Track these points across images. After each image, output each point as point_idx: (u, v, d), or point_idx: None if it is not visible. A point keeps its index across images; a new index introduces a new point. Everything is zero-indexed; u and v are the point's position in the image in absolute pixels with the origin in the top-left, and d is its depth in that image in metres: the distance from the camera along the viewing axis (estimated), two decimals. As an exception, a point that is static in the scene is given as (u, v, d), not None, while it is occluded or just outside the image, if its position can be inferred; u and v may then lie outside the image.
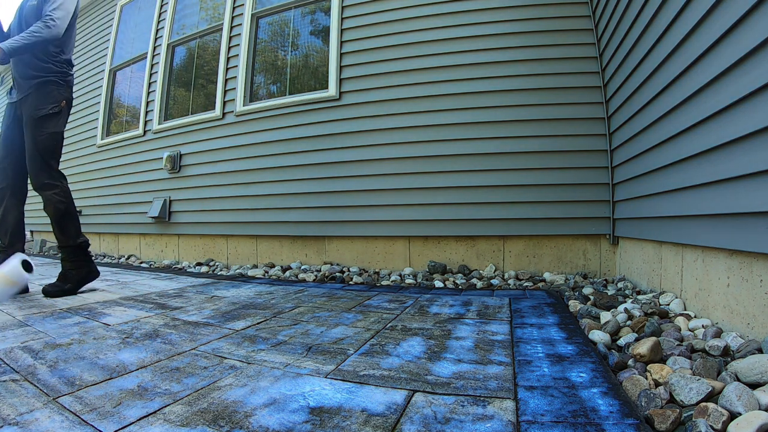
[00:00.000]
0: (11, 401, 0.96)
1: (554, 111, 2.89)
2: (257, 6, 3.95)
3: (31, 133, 2.21)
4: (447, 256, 3.11)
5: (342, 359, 1.27)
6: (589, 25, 2.91)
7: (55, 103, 2.27)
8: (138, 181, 4.57)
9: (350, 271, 3.23)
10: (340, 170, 3.34)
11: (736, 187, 1.34)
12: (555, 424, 0.85)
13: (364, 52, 3.37)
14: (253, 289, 2.56)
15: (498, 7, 3.07)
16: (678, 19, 1.69)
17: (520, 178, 2.92)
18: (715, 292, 1.51)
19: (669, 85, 1.81)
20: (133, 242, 4.82)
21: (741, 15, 1.26)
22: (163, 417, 0.90)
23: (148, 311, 1.95)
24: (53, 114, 2.26)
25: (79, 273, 2.36)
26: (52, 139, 2.26)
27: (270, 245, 3.71)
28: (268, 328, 1.66)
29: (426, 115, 3.14)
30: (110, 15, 5.34)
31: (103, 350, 1.35)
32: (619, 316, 1.67)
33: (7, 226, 2.29)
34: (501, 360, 1.25)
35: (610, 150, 2.77)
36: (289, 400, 0.98)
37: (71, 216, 2.33)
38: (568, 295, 2.19)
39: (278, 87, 3.93)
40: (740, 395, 0.88)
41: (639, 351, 1.19)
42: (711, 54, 1.46)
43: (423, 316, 1.83)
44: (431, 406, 0.94)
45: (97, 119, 5.24)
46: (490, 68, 3.03)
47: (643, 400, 0.95)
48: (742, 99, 1.28)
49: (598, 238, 2.84)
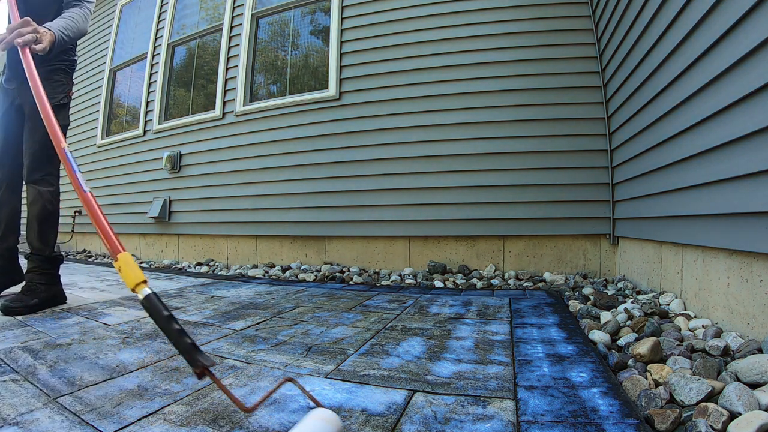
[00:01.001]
0: (11, 401, 0.96)
1: (554, 111, 2.90)
2: (257, 6, 3.95)
3: (37, 124, 1.94)
4: (447, 256, 3.11)
5: (342, 359, 1.27)
6: (589, 25, 2.91)
7: (64, 93, 2.09)
8: (138, 181, 4.57)
9: (350, 271, 3.23)
10: (340, 170, 3.34)
11: (735, 187, 1.34)
12: (555, 424, 0.85)
13: (364, 52, 3.37)
14: (253, 289, 2.56)
15: (498, 7, 3.07)
16: (678, 19, 1.69)
17: (520, 178, 2.92)
18: (715, 292, 1.51)
19: (669, 85, 1.81)
20: (133, 242, 4.82)
21: (741, 15, 1.26)
22: (163, 417, 0.90)
23: (148, 311, 1.95)
24: (63, 105, 2.07)
25: (49, 290, 2.02)
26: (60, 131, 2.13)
27: (270, 245, 3.71)
28: (268, 328, 1.66)
29: (426, 115, 3.14)
30: (110, 15, 5.34)
31: (103, 350, 1.35)
32: (619, 316, 1.67)
33: (0, 219, 2.08)
34: (501, 360, 1.25)
35: (610, 150, 2.77)
36: (289, 400, 0.98)
37: (54, 222, 2.10)
38: (568, 295, 2.19)
39: (278, 87, 3.94)
40: (740, 395, 0.88)
41: (639, 351, 1.19)
42: (711, 54, 1.46)
43: (423, 316, 1.83)
44: (431, 406, 0.94)
45: (97, 119, 5.25)
46: (490, 68, 3.03)
47: (643, 400, 0.95)
48: (742, 99, 1.28)
49: (598, 238, 2.84)
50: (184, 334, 0.81)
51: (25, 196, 2.05)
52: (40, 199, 2.00)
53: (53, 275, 2.07)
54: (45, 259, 2.02)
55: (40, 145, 1.99)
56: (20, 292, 1.97)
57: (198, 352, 0.78)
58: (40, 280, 2.00)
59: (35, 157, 2.01)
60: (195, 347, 0.79)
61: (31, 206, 2.02)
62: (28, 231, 2.04)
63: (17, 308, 1.89)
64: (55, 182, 2.10)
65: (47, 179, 2.04)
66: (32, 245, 2.03)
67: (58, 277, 2.11)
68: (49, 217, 2.05)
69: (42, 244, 2.02)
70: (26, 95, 1.98)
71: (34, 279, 2.00)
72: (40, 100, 1.40)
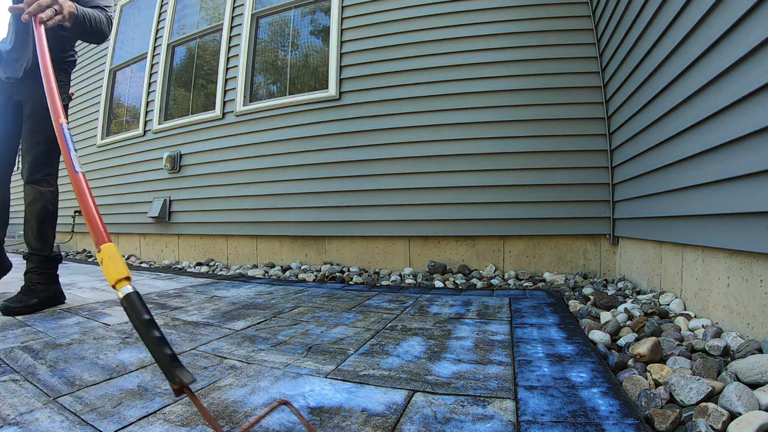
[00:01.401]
0: (11, 401, 0.96)
1: (554, 111, 2.89)
2: (257, 6, 3.95)
3: (42, 124, 1.97)
4: (447, 256, 3.11)
5: (342, 359, 1.27)
6: (589, 25, 2.91)
7: (65, 93, 2.09)
8: (138, 181, 4.57)
9: (350, 271, 3.23)
10: (340, 170, 3.34)
11: (736, 187, 1.34)
12: (555, 424, 0.85)
13: (364, 52, 3.37)
14: (253, 289, 2.56)
15: (498, 7, 3.07)
16: (678, 19, 1.69)
17: (520, 178, 2.92)
18: (715, 292, 1.51)
19: (669, 85, 1.81)
20: (133, 242, 4.82)
21: (741, 15, 1.26)
22: (163, 417, 0.90)
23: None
24: (64, 106, 1.96)
25: (48, 289, 2.04)
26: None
27: (270, 245, 3.71)
28: (268, 328, 1.66)
29: (426, 115, 3.14)
30: (110, 15, 5.34)
31: (103, 350, 1.35)
32: (619, 316, 1.67)
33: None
34: (501, 360, 1.25)
35: (610, 150, 2.77)
36: (289, 400, 0.98)
37: (54, 222, 2.10)
38: (568, 295, 2.19)
39: (278, 87, 3.94)
40: (740, 395, 0.88)
41: (639, 351, 1.19)
42: (711, 54, 1.46)
43: (423, 316, 1.83)
44: (431, 406, 0.94)
45: (97, 119, 5.24)
46: (490, 68, 3.03)
47: (643, 400, 0.95)
48: (742, 99, 1.28)
49: (598, 238, 2.84)
50: (165, 343, 0.74)
51: (22, 197, 2.04)
52: (41, 199, 2.00)
53: (52, 275, 2.07)
54: (44, 259, 2.02)
55: (42, 147, 2.00)
56: (20, 292, 1.98)
57: (177, 366, 0.71)
58: (40, 280, 2.01)
59: (36, 158, 2.00)
60: (175, 359, 0.72)
61: (31, 206, 2.01)
62: (27, 231, 2.03)
63: (17, 308, 1.90)
64: (55, 182, 2.09)
65: (48, 179, 2.05)
66: (31, 245, 2.02)
67: (56, 276, 2.11)
68: (50, 217, 2.05)
69: (41, 243, 2.02)
70: (27, 93, 1.98)
71: (34, 279, 2.00)
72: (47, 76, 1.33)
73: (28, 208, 2.03)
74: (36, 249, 2.02)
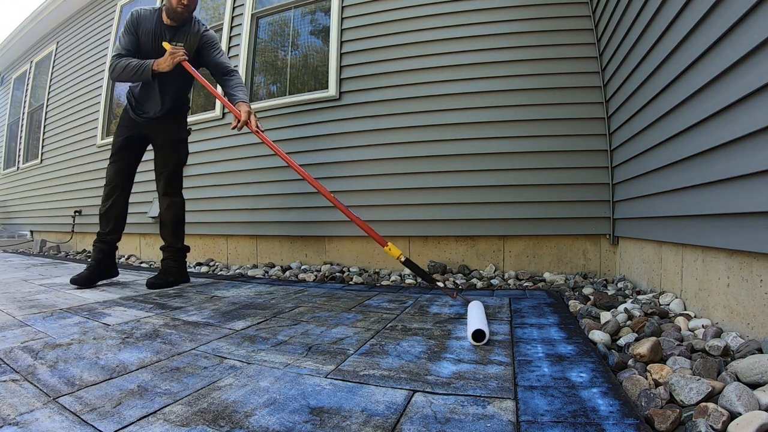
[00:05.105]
0: (11, 401, 0.96)
1: (554, 111, 2.89)
2: (257, 6, 3.95)
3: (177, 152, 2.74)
4: (447, 256, 3.11)
5: (342, 359, 1.28)
6: (589, 25, 2.91)
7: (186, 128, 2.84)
8: (138, 180, 4.53)
9: (350, 271, 3.23)
10: (340, 170, 3.34)
11: (736, 187, 1.34)
12: (555, 424, 0.85)
13: (364, 52, 3.37)
14: (253, 289, 2.56)
15: (498, 7, 3.07)
16: (678, 19, 1.69)
17: (520, 178, 2.92)
18: (715, 292, 1.51)
19: (669, 85, 1.81)
20: (133, 242, 4.82)
21: (741, 15, 1.26)
22: (163, 417, 0.90)
23: (148, 311, 1.95)
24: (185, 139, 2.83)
25: (181, 271, 2.74)
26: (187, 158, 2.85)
27: (270, 245, 3.71)
28: (268, 328, 1.66)
29: (426, 115, 3.13)
30: (110, 15, 5.34)
31: (103, 350, 1.36)
32: (619, 316, 1.67)
33: (110, 217, 2.66)
34: (501, 360, 1.25)
35: (610, 150, 2.77)
36: (289, 400, 0.98)
37: (183, 222, 2.79)
38: (568, 295, 2.19)
39: (278, 87, 3.94)
40: (740, 395, 0.88)
41: (639, 351, 1.19)
42: (711, 54, 1.46)
43: (423, 316, 1.83)
44: (431, 406, 0.94)
45: (97, 119, 5.24)
46: (490, 68, 3.03)
47: (643, 400, 0.95)
48: (743, 99, 1.28)
49: (598, 238, 2.84)
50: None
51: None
52: (174, 206, 2.73)
53: (182, 261, 2.78)
54: (177, 250, 2.76)
55: (175, 168, 2.73)
56: (160, 272, 2.70)
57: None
58: (175, 265, 2.72)
59: (171, 176, 2.72)
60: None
61: (167, 212, 2.72)
62: (164, 230, 2.75)
63: (159, 283, 2.60)
64: (182, 193, 2.80)
65: (179, 191, 2.78)
66: (166, 240, 2.75)
67: (185, 261, 2.82)
68: (181, 219, 2.77)
69: (175, 239, 2.74)
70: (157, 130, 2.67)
71: (170, 264, 2.72)
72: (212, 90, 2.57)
73: (164, 213, 2.73)
74: (171, 243, 2.74)
